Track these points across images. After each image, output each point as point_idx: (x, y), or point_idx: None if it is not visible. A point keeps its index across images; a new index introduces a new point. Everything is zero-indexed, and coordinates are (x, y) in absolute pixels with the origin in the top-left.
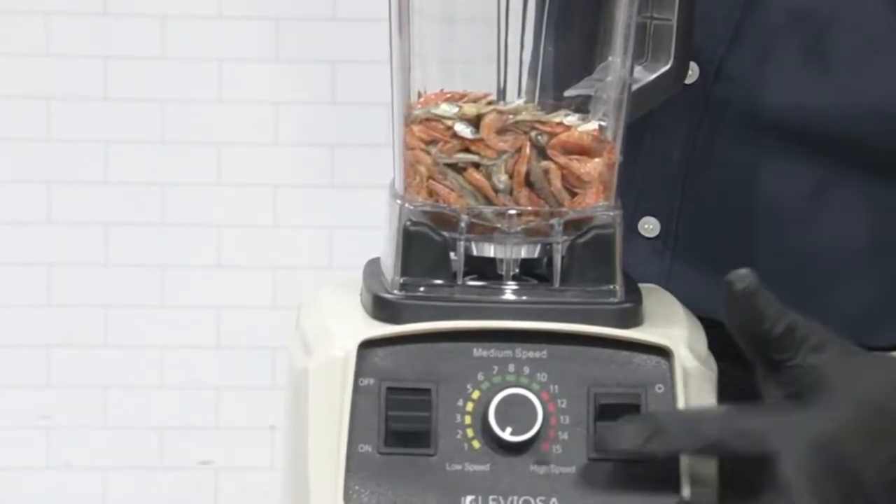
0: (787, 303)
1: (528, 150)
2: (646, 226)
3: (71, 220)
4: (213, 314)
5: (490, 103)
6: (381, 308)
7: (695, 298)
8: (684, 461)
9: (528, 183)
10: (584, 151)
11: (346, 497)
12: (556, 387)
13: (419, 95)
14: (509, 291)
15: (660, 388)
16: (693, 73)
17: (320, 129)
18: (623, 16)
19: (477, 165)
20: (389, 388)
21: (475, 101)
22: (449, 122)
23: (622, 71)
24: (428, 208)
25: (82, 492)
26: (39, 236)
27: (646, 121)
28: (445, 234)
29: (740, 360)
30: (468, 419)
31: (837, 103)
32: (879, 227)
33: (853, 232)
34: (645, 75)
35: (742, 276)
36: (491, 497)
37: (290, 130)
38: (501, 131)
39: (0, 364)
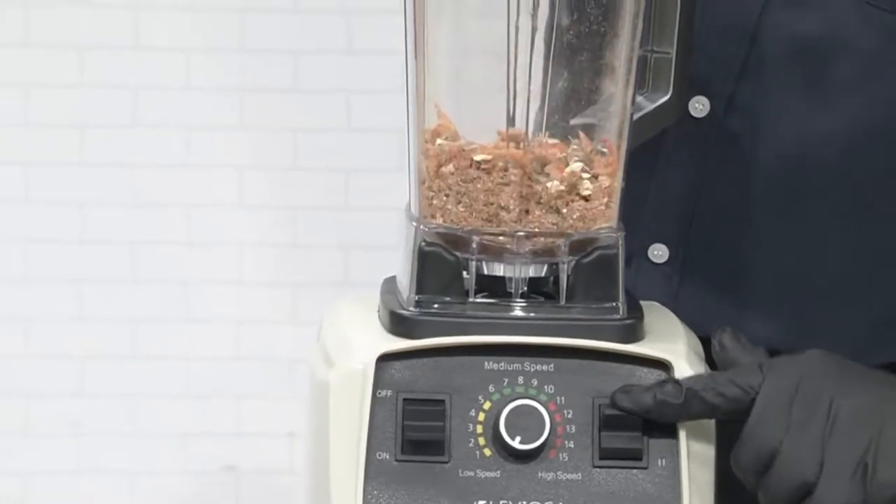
0: (788, 326)
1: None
2: (655, 252)
3: (101, 239)
4: (235, 327)
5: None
6: (398, 324)
7: (701, 321)
8: (685, 471)
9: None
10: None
11: (366, 501)
12: (563, 398)
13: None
14: (518, 308)
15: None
16: (704, 106)
17: (336, 154)
18: (625, 49)
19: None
20: (406, 399)
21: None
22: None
23: (624, 101)
24: (441, 230)
25: (110, 495)
26: (72, 254)
27: (658, 151)
28: (458, 254)
29: None
30: (480, 428)
31: (839, 129)
32: (877, 253)
33: (853, 258)
34: (646, 105)
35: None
36: (501, 502)
37: (307, 156)
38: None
39: (34, 374)
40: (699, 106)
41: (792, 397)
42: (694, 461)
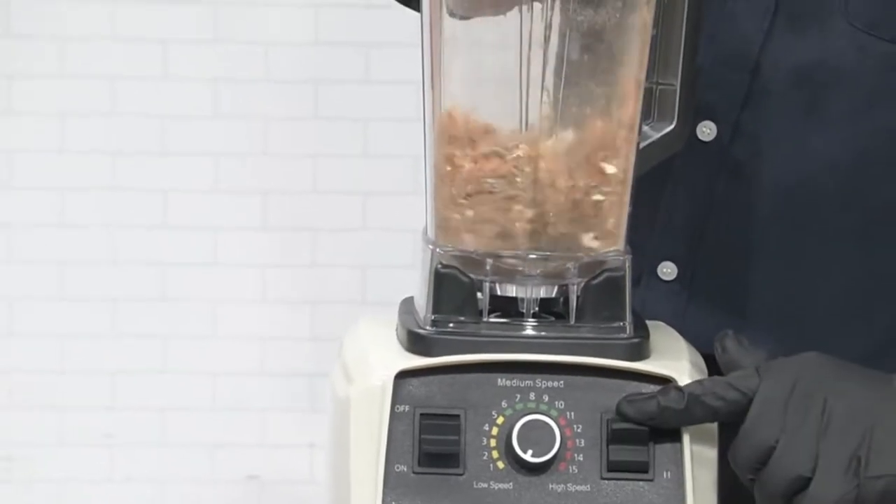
0: (789, 346)
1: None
2: (664, 269)
3: (132, 260)
4: (260, 344)
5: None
6: (415, 342)
7: (707, 338)
8: (689, 483)
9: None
10: None
11: None
12: (572, 413)
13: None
14: (530, 327)
15: None
16: (711, 131)
17: (354, 179)
18: (632, 81)
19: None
20: (423, 414)
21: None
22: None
23: (631, 130)
24: (457, 253)
25: (141, 503)
26: (105, 275)
27: (667, 174)
28: (472, 276)
29: None
30: (493, 442)
31: (838, 156)
32: (878, 278)
33: (853, 282)
34: (651, 134)
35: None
36: None
37: (327, 180)
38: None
39: (69, 388)
40: (706, 130)
41: (787, 397)
42: (698, 473)
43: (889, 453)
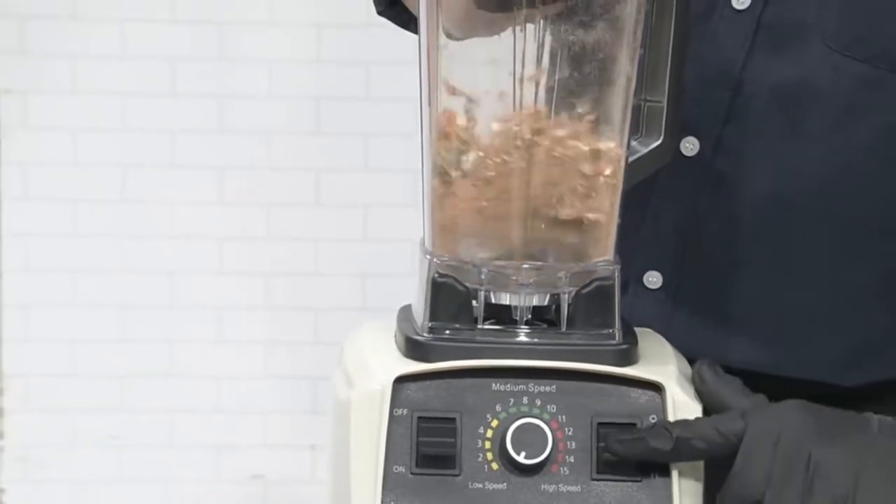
0: (770, 351)
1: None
2: (650, 278)
3: (142, 269)
4: (263, 349)
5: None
6: (413, 348)
7: (692, 343)
8: (675, 484)
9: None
10: None
11: None
12: (564, 416)
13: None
14: (523, 334)
15: (653, 418)
16: (694, 146)
17: (355, 191)
18: (621, 98)
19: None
20: (420, 418)
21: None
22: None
23: (621, 145)
24: (453, 262)
25: (149, 502)
26: (114, 283)
27: (653, 187)
28: (468, 284)
29: None
30: (488, 444)
31: (815, 170)
32: (853, 287)
33: (831, 291)
34: (640, 149)
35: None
36: None
37: (330, 193)
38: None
39: (81, 392)
40: (689, 146)
41: (773, 452)
42: (684, 475)
43: None
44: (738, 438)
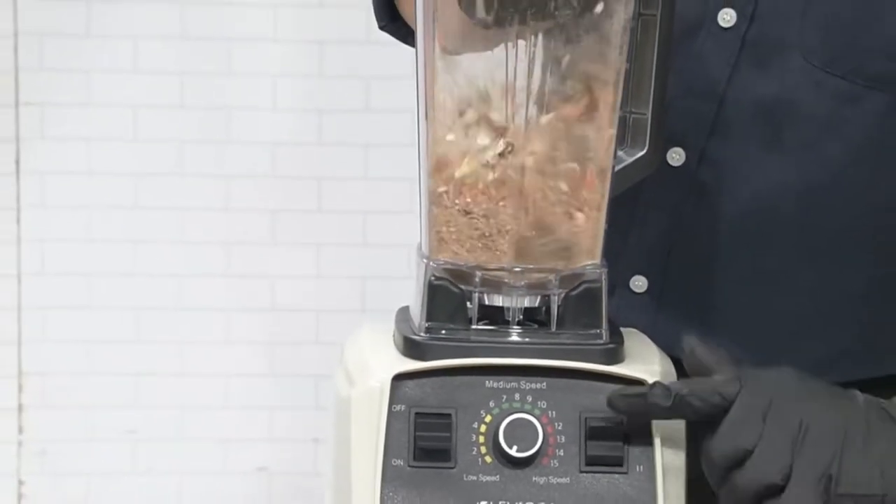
0: (751, 356)
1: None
2: (636, 283)
3: (153, 272)
4: (269, 348)
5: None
6: (411, 347)
7: (675, 344)
8: (660, 476)
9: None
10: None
11: (382, 501)
12: (554, 412)
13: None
14: (515, 334)
15: None
16: (679, 157)
17: (355, 199)
18: (608, 110)
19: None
20: (417, 413)
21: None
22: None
23: (608, 155)
24: (449, 266)
25: (163, 493)
26: (128, 286)
27: (640, 194)
28: (463, 287)
29: None
30: (482, 438)
31: (795, 182)
32: (833, 293)
33: (810, 296)
34: (626, 158)
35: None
36: (501, 502)
37: (331, 200)
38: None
39: (97, 389)
40: (675, 156)
41: (766, 409)
42: (668, 467)
43: (857, 473)
44: (732, 399)
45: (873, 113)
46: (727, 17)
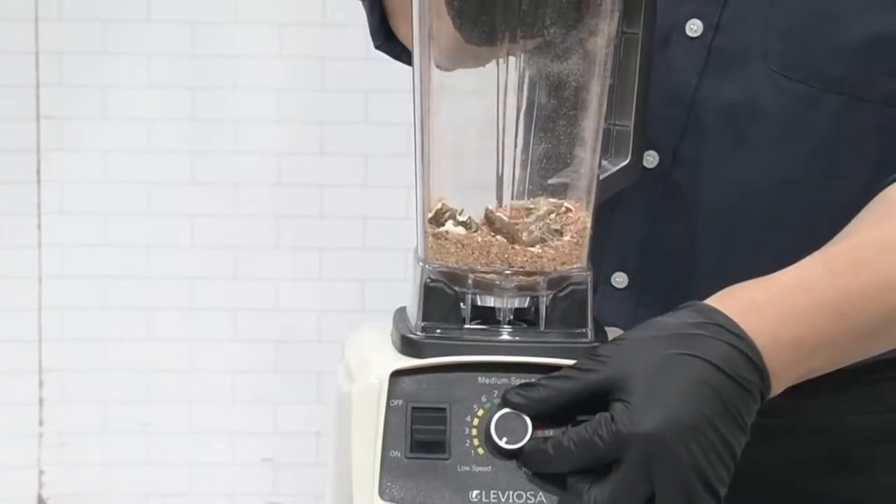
0: None
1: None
2: (616, 279)
3: (166, 275)
4: (273, 346)
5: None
6: (408, 346)
7: None
8: None
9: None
10: None
11: (381, 490)
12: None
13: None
14: (505, 333)
15: None
16: (654, 159)
17: (355, 205)
18: (592, 123)
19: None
20: (414, 408)
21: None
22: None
23: (593, 164)
24: (443, 269)
25: (174, 482)
26: (141, 288)
27: (618, 196)
28: (456, 289)
29: None
30: (475, 431)
31: (761, 181)
32: None
33: None
34: (609, 167)
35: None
36: (492, 491)
37: (332, 207)
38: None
39: (112, 384)
40: (650, 158)
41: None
42: None
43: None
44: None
45: (831, 114)
46: (694, 27)
